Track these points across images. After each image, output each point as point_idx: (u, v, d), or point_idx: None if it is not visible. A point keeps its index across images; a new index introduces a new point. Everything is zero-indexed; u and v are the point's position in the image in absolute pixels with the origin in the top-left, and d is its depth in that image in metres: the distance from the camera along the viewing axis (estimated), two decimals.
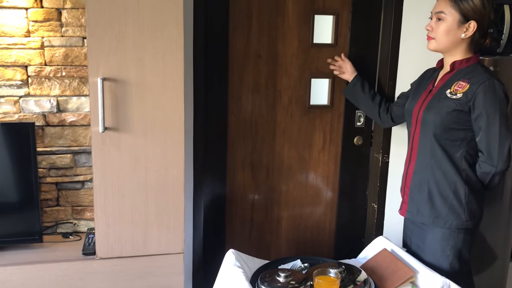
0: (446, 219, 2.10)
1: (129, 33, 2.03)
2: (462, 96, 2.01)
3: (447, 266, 2.12)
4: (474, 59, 2.07)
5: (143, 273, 2.22)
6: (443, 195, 2.10)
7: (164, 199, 2.18)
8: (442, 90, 2.10)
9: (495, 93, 1.96)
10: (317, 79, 2.75)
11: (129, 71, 2.06)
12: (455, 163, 2.08)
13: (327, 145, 2.84)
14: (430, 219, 2.15)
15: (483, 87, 1.97)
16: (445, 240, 2.12)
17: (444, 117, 2.06)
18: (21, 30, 2.22)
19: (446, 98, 2.06)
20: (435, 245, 2.15)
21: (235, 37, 2.59)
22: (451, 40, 2.06)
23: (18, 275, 2.11)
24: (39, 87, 2.29)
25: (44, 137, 2.33)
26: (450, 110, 2.04)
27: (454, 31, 2.04)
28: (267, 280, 1.96)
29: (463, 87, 2.02)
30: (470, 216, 2.08)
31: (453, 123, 2.05)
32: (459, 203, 2.08)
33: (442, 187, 2.10)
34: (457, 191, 2.08)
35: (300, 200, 2.87)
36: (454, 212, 2.09)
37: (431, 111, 2.10)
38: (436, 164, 2.11)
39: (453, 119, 2.04)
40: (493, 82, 1.97)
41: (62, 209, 2.43)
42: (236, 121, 2.68)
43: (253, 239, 2.84)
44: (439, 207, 2.12)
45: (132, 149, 2.11)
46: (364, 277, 2.03)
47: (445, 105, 2.05)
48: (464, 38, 2.04)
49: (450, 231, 2.11)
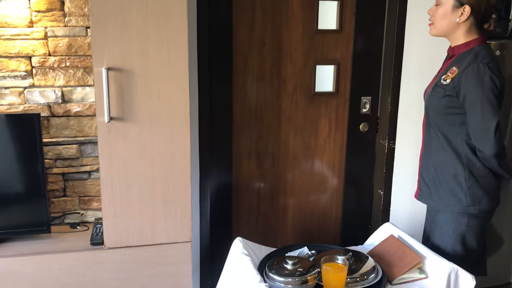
0: (448, 202, 2.12)
1: (133, 22, 2.02)
2: (450, 82, 2.03)
3: (450, 249, 2.14)
4: (474, 43, 2.06)
5: (151, 262, 2.23)
6: (444, 180, 2.12)
7: (171, 189, 2.19)
8: (441, 76, 2.12)
9: (477, 77, 1.95)
10: (322, 65, 2.74)
11: (133, 61, 2.05)
12: (455, 148, 2.08)
13: (332, 132, 2.84)
14: (435, 202, 2.18)
15: (466, 72, 1.98)
16: (448, 223, 2.14)
17: (438, 102, 2.09)
18: (24, 20, 2.22)
19: (440, 85, 2.08)
20: (441, 227, 2.18)
21: (239, 24, 2.57)
22: (447, 25, 2.06)
23: (28, 266, 2.12)
24: (43, 77, 2.29)
25: (49, 128, 2.33)
26: (441, 96, 2.06)
27: (450, 15, 2.04)
28: (275, 267, 1.96)
29: (453, 72, 2.04)
30: (473, 201, 2.08)
31: (447, 108, 2.06)
32: (460, 188, 2.09)
33: (443, 171, 2.12)
34: (457, 176, 2.09)
35: (306, 187, 2.87)
36: (455, 197, 2.10)
37: (430, 97, 2.14)
38: (438, 149, 2.13)
39: (446, 104, 2.06)
40: (477, 66, 1.96)
41: (69, 200, 2.44)
42: (241, 109, 2.67)
43: (260, 227, 2.85)
44: (441, 191, 2.14)
45: (138, 139, 2.11)
46: (372, 263, 2.03)
47: (438, 91, 2.08)
48: (459, 22, 2.04)
49: (452, 215, 2.12)
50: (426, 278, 2.02)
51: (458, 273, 1.94)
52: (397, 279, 2.01)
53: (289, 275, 1.90)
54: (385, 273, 2.02)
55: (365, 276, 1.97)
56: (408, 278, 2.02)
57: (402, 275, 2.01)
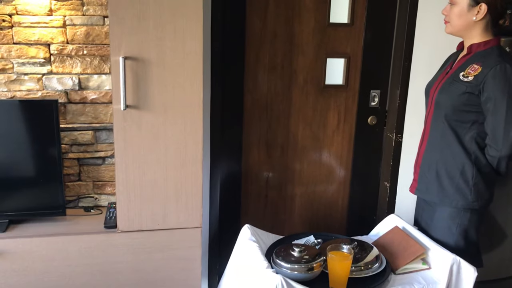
0: (453, 198, 2.13)
1: (149, 12, 2.06)
2: (473, 79, 2.02)
3: (453, 244, 2.15)
4: (493, 42, 2.06)
5: (162, 246, 2.28)
6: (451, 176, 2.13)
7: (183, 175, 2.23)
8: (457, 72, 2.10)
9: (505, 78, 1.95)
10: (333, 58, 2.77)
11: (150, 50, 2.09)
12: (464, 145, 2.09)
13: (341, 124, 2.87)
14: (437, 198, 2.18)
15: (493, 71, 1.97)
16: (451, 218, 2.15)
17: (455, 99, 2.07)
18: (44, 8, 2.26)
19: (458, 81, 2.07)
20: (442, 223, 2.18)
21: (252, 17, 2.61)
22: (463, 23, 2.06)
23: (43, 246, 2.18)
24: (61, 65, 2.34)
25: (66, 114, 2.38)
26: (461, 93, 2.05)
27: (466, 14, 2.04)
28: (282, 254, 2.01)
29: (475, 70, 2.02)
30: (477, 197, 2.10)
31: (464, 105, 2.06)
32: (466, 184, 2.10)
33: (450, 167, 2.13)
34: (465, 173, 2.10)
35: (314, 178, 2.91)
36: (460, 193, 2.11)
37: (444, 93, 2.12)
38: (446, 145, 2.13)
39: (464, 101, 2.05)
40: (505, 66, 1.96)
41: (84, 184, 2.49)
42: (252, 100, 2.71)
43: (268, 216, 2.90)
44: (446, 187, 2.14)
45: (152, 127, 2.16)
46: (376, 253, 2.07)
47: (456, 87, 2.07)
48: (476, 21, 2.04)
49: (457, 210, 2.13)
50: (429, 269, 2.06)
51: (461, 264, 1.97)
52: (401, 269, 2.05)
53: (296, 262, 1.94)
54: (388, 263, 2.06)
55: (369, 265, 2.01)
56: (411, 269, 2.06)
57: (406, 265, 2.05)
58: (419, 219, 2.36)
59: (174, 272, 2.32)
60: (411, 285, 1.97)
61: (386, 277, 1.99)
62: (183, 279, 2.34)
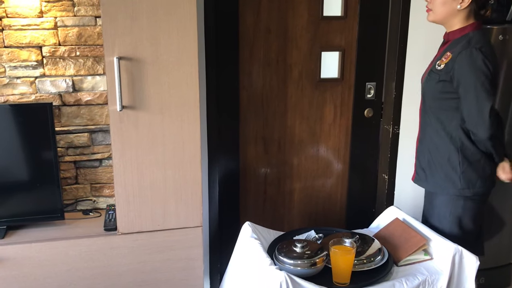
0: (443, 186, 2.16)
1: (142, 11, 2.04)
2: (444, 67, 2.06)
3: (447, 231, 2.18)
4: (468, 29, 2.07)
5: (163, 247, 2.27)
6: (440, 164, 2.16)
7: (182, 175, 2.22)
8: (435, 62, 2.14)
9: (470, 62, 1.98)
10: (327, 52, 2.76)
11: (144, 50, 2.07)
12: (449, 132, 2.12)
13: (337, 118, 2.86)
14: (431, 186, 2.22)
15: (460, 57, 2.00)
16: (444, 205, 2.18)
17: (433, 88, 2.12)
18: (34, 10, 2.23)
19: (434, 70, 2.11)
20: (439, 209, 2.22)
21: (245, 12, 2.59)
22: (447, 11, 2.07)
23: (43, 251, 2.17)
24: (54, 67, 2.31)
25: (61, 117, 2.36)
26: (436, 81, 2.09)
27: (450, 2, 2.05)
28: (284, 250, 2.01)
29: (447, 57, 2.06)
30: (467, 184, 2.12)
31: (441, 93, 2.09)
32: (454, 171, 2.12)
33: (438, 156, 2.16)
34: (451, 160, 2.12)
35: (312, 172, 2.91)
36: (449, 180, 2.14)
37: (425, 83, 2.18)
38: (434, 134, 2.17)
39: (441, 89, 2.09)
40: (471, 51, 1.98)
41: (81, 187, 2.47)
42: (248, 96, 2.70)
43: (267, 212, 2.89)
44: (436, 175, 2.18)
45: (149, 127, 2.15)
46: (378, 245, 2.08)
47: (432, 77, 2.11)
48: (460, 9, 2.05)
49: (449, 198, 2.16)
50: (431, 259, 2.07)
51: (463, 254, 1.98)
52: (403, 260, 2.06)
53: (298, 258, 1.95)
54: (391, 255, 2.07)
55: (371, 258, 2.02)
56: (413, 260, 2.07)
57: (408, 256, 2.06)
58: (424, 209, 2.37)
59: (176, 272, 2.31)
60: (414, 276, 1.98)
61: (389, 269, 2.00)
62: (185, 279, 2.33)
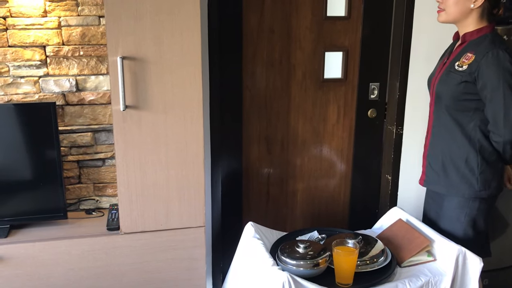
0: (459, 188, 2.13)
1: (146, 11, 2.04)
2: (467, 68, 2.03)
3: (461, 233, 2.16)
4: (486, 30, 2.06)
5: (166, 247, 2.27)
6: (456, 166, 2.13)
7: (185, 174, 2.22)
8: (453, 62, 2.11)
9: (498, 63, 1.96)
10: (331, 52, 2.75)
11: (147, 49, 2.07)
12: (468, 133, 2.10)
13: (341, 118, 2.86)
14: (445, 188, 2.18)
15: (486, 58, 1.97)
16: (459, 208, 2.15)
17: (453, 89, 2.08)
18: (38, 10, 2.24)
19: (454, 71, 2.08)
20: (451, 212, 2.18)
21: (249, 12, 2.59)
22: (460, 11, 2.05)
23: (46, 250, 2.17)
24: (57, 66, 2.32)
25: (64, 116, 2.36)
26: (457, 82, 2.05)
27: (463, 1, 2.03)
28: (287, 251, 2.01)
29: (469, 58, 2.03)
30: (483, 186, 2.10)
31: (462, 95, 2.06)
32: (472, 173, 2.10)
33: (455, 157, 2.13)
34: (469, 162, 2.10)
35: (315, 173, 2.91)
36: (466, 182, 2.11)
37: (442, 84, 2.13)
38: (449, 135, 2.14)
39: (462, 90, 2.05)
40: (497, 52, 1.96)
41: (84, 186, 2.48)
42: (251, 96, 2.70)
43: (270, 212, 2.89)
44: (452, 177, 2.15)
45: (152, 126, 2.14)
46: (381, 246, 2.08)
47: (453, 77, 2.07)
48: (473, 8, 2.03)
49: (464, 200, 2.13)
50: (434, 260, 2.07)
51: (466, 255, 1.97)
52: (406, 261, 2.06)
53: (301, 258, 1.95)
54: (394, 256, 2.07)
55: (374, 259, 2.02)
56: (416, 261, 2.07)
57: (411, 258, 2.06)
58: (428, 210, 2.36)
59: (179, 272, 2.31)
60: (417, 278, 1.98)
61: (392, 271, 2.00)
62: (187, 279, 2.33)
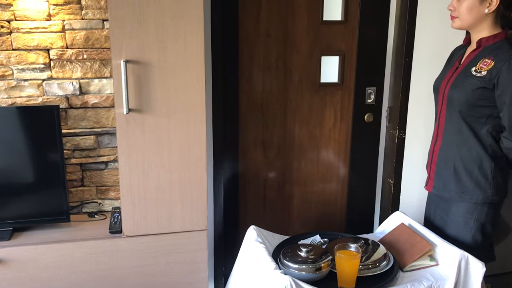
0: (472, 194, 2.13)
1: (150, 15, 2.04)
2: (486, 74, 2.01)
3: (469, 238, 2.16)
4: (502, 35, 2.06)
5: (168, 250, 2.28)
6: (469, 171, 2.12)
7: (187, 178, 2.23)
8: (468, 67, 2.09)
9: None
10: (327, 56, 2.76)
11: (151, 53, 2.08)
12: (480, 139, 2.09)
13: (338, 122, 2.87)
14: (456, 194, 2.17)
15: (507, 65, 1.96)
16: (469, 213, 2.15)
17: (469, 94, 2.06)
18: (42, 13, 2.23)
19: (471, 76, 2.06)
20: (459, 217, 2.18)
21: (245, 16, 2.59)
22: (474, 17, 2.04)
23: (49, 253, 2.16)
24: (61, 70, 2.31)
25: (67, 119, 2.36)
26: (475, 88, 2.04)
27: (477, 7, 2.02)
28: (289, 255, 2.01)
29: (488, 64, 2.02)
30: (495, 190, 2.11)
31: (478, 100, 2.05)
32: (485, 178, 2.10)
33: (467, 163, 2.12)
34: (483, 167, 2.10)
35: (312, 177, 2.91)
36: (480, 187, 2.11)
37: (456, 89, 2.11)
38: (462, 141, 2.13)
39: (478, 96, 2.04)
40: None
41: (87, 189, 2.47)
42: (248, 100, 2.70)
43: (267, 216, 2.89)
44: (465, 183, 2.14)
45: (155, 130, 2.15)
46: (383, 251, 2.08)
47: (470, 82, 2.06)
48: (488, 13, 2.02)
49: (474, 205, 2.13)
50: (437, 265, 2.07)
51: (469, 260, 1.97)
52: (408, 266, 2.07)
53: (303, 262, 1.95)
54: (396, 260, 2.07)
55: (377, 263, 2.02)
56: (419, 265, 2.07)
57: (413, 262, 2.06)
58: (432, 215, 2.36)
59: (181, 275, 2.32)
60: (420, 282, 1.98)
61: (394, 275, 2.00)
62: (189, 282, 2.34)
